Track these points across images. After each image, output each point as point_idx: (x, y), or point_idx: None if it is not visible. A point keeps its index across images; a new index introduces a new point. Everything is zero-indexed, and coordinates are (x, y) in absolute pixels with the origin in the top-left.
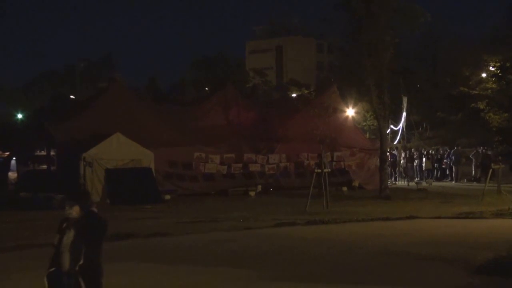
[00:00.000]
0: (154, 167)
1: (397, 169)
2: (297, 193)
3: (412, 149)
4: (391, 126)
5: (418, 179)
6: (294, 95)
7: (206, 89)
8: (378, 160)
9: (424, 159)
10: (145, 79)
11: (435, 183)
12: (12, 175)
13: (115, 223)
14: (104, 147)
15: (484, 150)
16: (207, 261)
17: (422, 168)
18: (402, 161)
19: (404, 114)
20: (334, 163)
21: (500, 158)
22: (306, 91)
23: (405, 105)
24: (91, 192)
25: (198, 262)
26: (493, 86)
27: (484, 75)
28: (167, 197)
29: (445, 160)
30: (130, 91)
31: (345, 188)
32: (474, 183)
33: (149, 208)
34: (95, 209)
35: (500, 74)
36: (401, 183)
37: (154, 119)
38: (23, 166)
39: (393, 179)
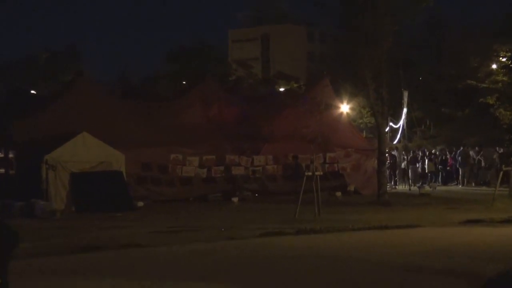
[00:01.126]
0: (125, 170)
1: (397, 171)
2: (286, 199)
3: (415, 150)
4: (390, 124)
5: (421, 183)
6: (282, 89)
7: (184, 83)
8: (376, 161)
9: (426, 161)
10: (115, 72)
11: (440, 187)
12: None
13: (81, 234)
14: (69, 149)
15: (498, 150)
16: (185, 276)
17: (425, 171)
18: (403, 163)
19: (405, 110)
20: (326, 165)
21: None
22: (295, 85)
23: (405, 100)
24: (55, 199)
25: (175, 277)
26: (504, 79)
27: (494, 66)
28: (140, 203)
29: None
30: (99, 85)
31: (339, 193)
32: (483, 187)
33: (119, 216)
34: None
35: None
36: (401, 187)
37: (125, 116)
38: None
39: (392, 183)
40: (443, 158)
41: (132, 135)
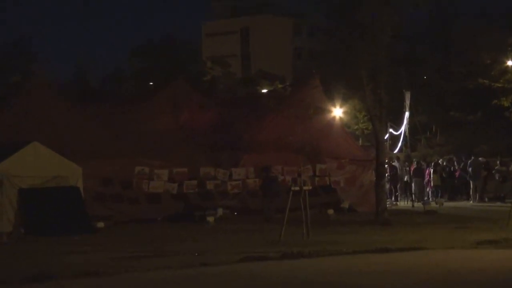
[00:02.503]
0: (82, 185)
1: (398, 185)
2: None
3: (420, 160)
4: (390, 130)
5: (426, 198)
6: (264, 90)
7: (151, 83)
8: (374, 174)
9: (431, 173)
10: (72, 72)
11: (447, 204)
12: None
13: (30, 260)
14: (18, 161)
15: None
16: None
17: (430, 184)
18: (405, 176)
19: (407, 114)
20: (316, 178)
21: None
22: (280, 86)
23: (408, 102)
24: (1, 219)
25: None
26: None
27: (510, 63)
28: (100, 224)
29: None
30: (52, 86)
31: (331, 211)
32: (498, 203)
33: (76, 240)
34: None
35: None
36: (403, 204)
37: (83, 123)
38: None
39: (393, 198)
40: (451, 169)
41: (91, 145)
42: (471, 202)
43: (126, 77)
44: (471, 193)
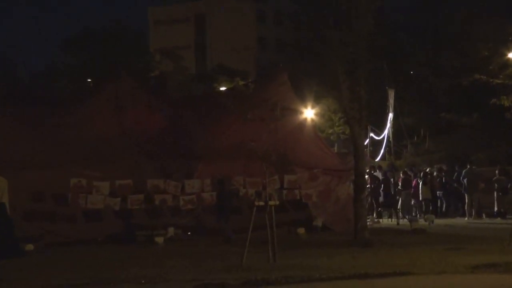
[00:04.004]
0: (9, 201)
1: (380, 199)
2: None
3: (407, 169)
4: (371, 135)
5: (413, 215)
6: (223, 88)
7: (89, 80)
8: (352, 186)
9: (420, 184)
10: None
11: (438, 221)
12: None
13: None
14: None
15: None
16: None
17: (419, 198)
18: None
19: (391, 115)
20: (284, 191)
21: None
22: (241, 83)
23: (391, 102)
24: None
25: None
26: None
27: (511, 55)
28: (29, 247)
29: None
30: None
31: (302, 230)
32: (498, 219)
33: (1, 265)
34: None
35: None
36: (387, 221)
37: (8, 128)
38: None
39: (375, 215)
40: (443, 180)
41: (18, 153)
42: (466, 219)
43: (60, 73)
44: (466, 208)
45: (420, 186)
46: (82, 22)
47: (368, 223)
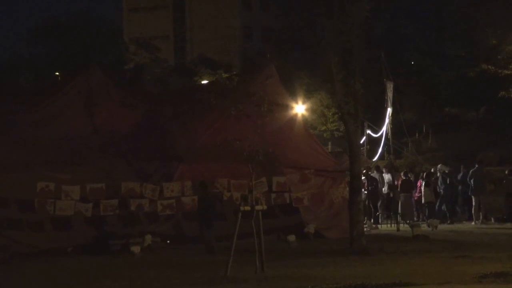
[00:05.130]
0: None
1: (379, 203)
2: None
3: (407, 170)
4: (368, 132)
5: (415, 220)
6: (205, 82)
7: (56, 73)
8: (347, 189)
9: (423, 186)
10: None
11: (442, 226)
12: None
13: None
14: None
15: None
16: None
17: (421, 201)
18: (385, 190)
19: (389, 110)
20: (273, 195)
21: None
22: (225, 76)
23: (390, 96)
24: None
25: None
26: None
27: None
28: None
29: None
30: None
31: (292, 237)
32: (508, 224)
33: None
34: None
35: None
36: (386, 227)
37: None
38: None
39: (372, 220)
40: (448, 181)
41: None
42: (474, 223)
43: (24, 65)
44: (473, 212)
45: (422, 188)
46: (50, 12)
47: (365, 229)
